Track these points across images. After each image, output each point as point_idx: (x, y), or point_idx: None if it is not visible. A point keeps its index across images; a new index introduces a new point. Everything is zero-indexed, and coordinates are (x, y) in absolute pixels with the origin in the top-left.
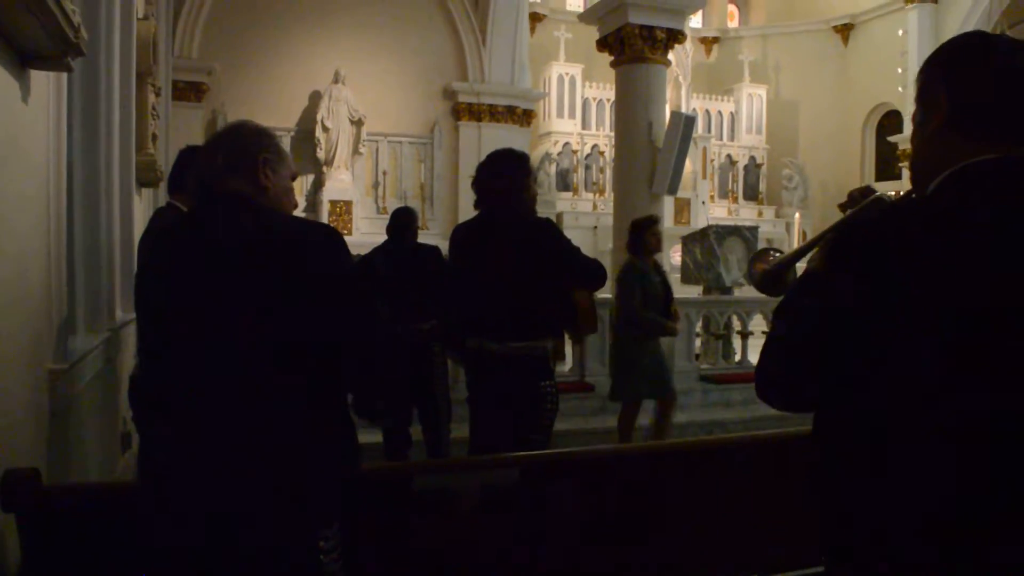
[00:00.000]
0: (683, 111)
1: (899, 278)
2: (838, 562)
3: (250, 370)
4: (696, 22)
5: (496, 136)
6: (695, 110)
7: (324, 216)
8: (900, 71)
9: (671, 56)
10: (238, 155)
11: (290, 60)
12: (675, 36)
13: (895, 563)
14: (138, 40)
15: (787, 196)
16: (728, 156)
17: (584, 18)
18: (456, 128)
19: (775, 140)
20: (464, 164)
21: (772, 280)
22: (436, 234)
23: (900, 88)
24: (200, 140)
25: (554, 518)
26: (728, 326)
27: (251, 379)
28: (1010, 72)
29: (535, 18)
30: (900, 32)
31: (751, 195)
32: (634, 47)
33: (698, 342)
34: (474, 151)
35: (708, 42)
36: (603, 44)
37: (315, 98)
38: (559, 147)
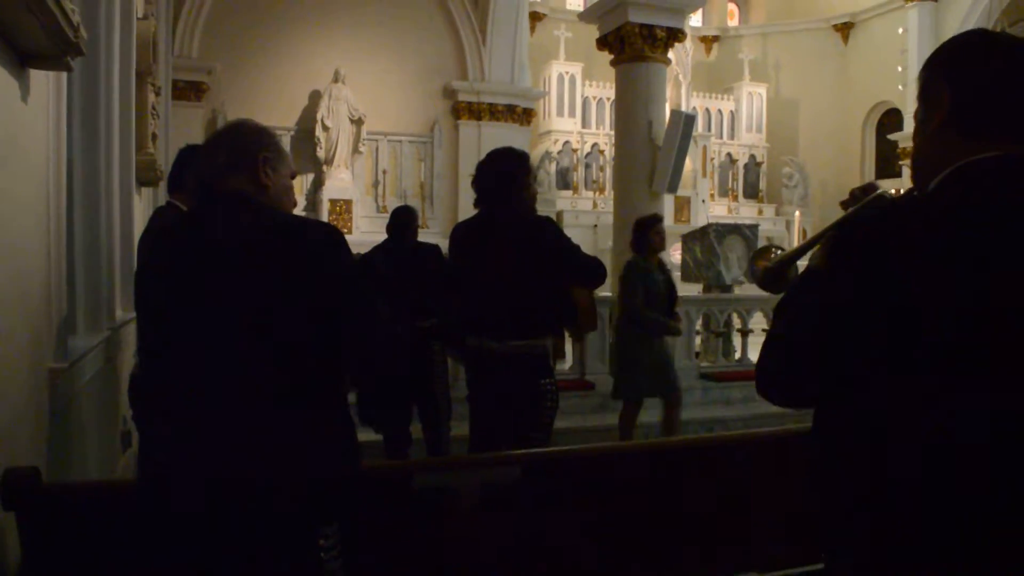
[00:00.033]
0: (683, 110)
1: (899, 277)
2: (838, 560)
3: (250, 369)
4: (696, 21)
5: (496, 135)
6: (695, 109)
7: (324, 215)
8: (900, 69)
9: (671, 55)
10: (239, 154)
11: (290, 59)
12: (675, 35)
13: (895, 562)
14: (138, 39)
15: (787, 194)
16: (728, 154)
17: (584, 17)
18: (456, 127)
19: (775, 138)
20: (464, 163)
21: (774, 277)
22: (436, 233)
23: (900, 86)
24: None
25: (554, 516)
26: (728, 324)
27: (251, 378)
28: (1012, 70)
29: (535, 17)
30: (900, 30)
31: (751, 193)
32: (634, 46)
33: (698, 340)
34: (474, 150)
35: (708, 41)
36: (603, 43)
37: (315, 97)
38: (559, 146)
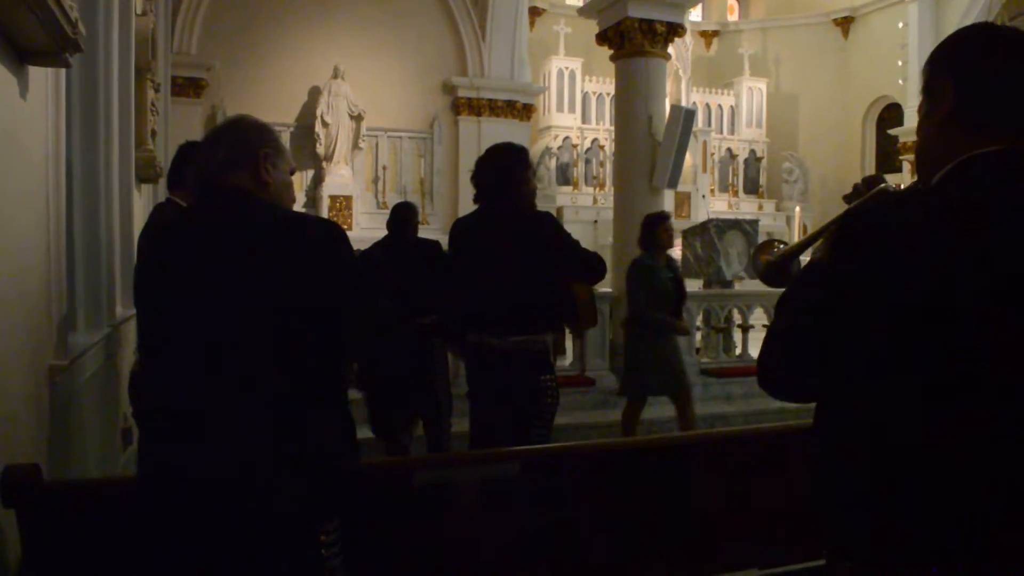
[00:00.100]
0: (683, 105)
1: (900, 274)
2: (839, 558)
3: (250, 366)
4: (696, 15)
5: (496, 131)
6: (695, 104)
7: (324, 211)
8: (900, 64)
9: (671, 50)
10: (239, 150)
11: (289, 56)
12: (675, 30)
13: (895, 561)
14: (137, 36)
15: (787, 189)
16: (728, 150)
17: (584, 12)
18: (456, 123)
19: (775, 134)
20: (464, 159)
21: (776, 271)
22: (436, 229)
23: (900, 81)
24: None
25: (554, 512)
26: (729, 320)
27: (251, 375)
28: (1016, 64)
29: (534, 12)
30: (900, 25)
31: (751, 189)
32: (634, 41)
33: (699, 336)
34: (474, 146)
35: (708, 35)
36: (603, 38)
37: (314, 93)
38: (559, 141)
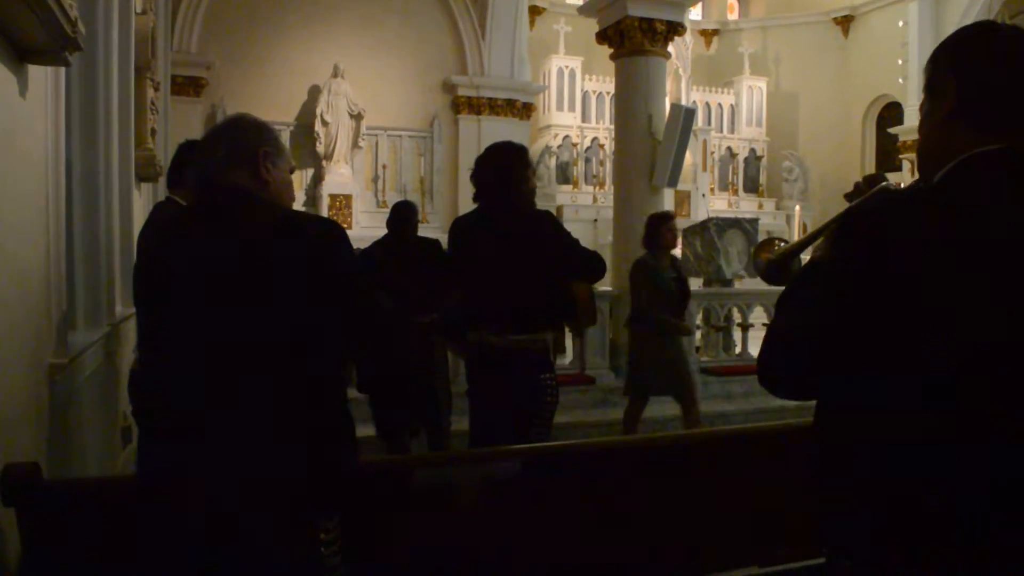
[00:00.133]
0: (683, 103)
1: (900, 274)
2: (839, 557)
3: (249, 364)
4: (696, 14)
5: (496, 129)
6: (695, 102)
7: (324, 210)
8: (901, 63)
9: (671, 48)
10: (239, 149)
11: (289, 54)
12: (675, 28)
13: (895, 561)
14: (136, 35)
15: (787, 188)
16: (728, 148)
17: (583, 11)
18: (456, 122)
19: (775, 132)
20: (464, 158)
21: (777, 269)
22: (436, 227)
23: (900, 80)
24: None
25: (554, 510)
26: (728, 318)
27: (250, 373)
28: (1018, 63)
29: (534, 11)
30: (900, 23)
31: (751, 187)
32: (634, 40)
33: (698, 335)
34: (474, 145)
35: (708, 34)
36: (603, 37)
37: (314, 92)
38: (559, 140)
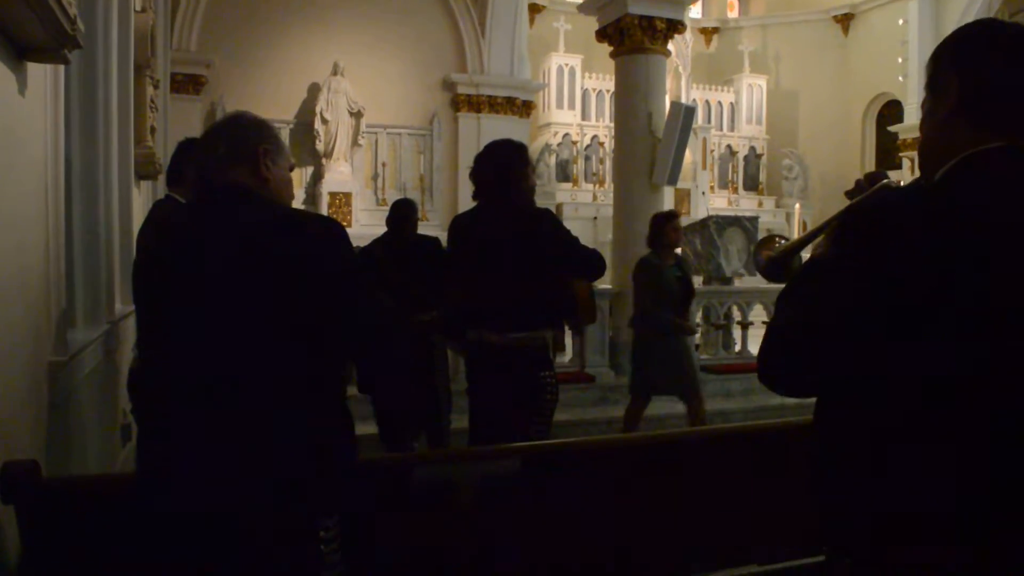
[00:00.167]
0: (683, 101)
1: (900, 274)
2: (838, 555)
3: (249, 362)
4: (696, 12)
5: (495, 127)
6: (695, 100)
7: (323, 208)
8: (901, 61)
9: (671, 46)
10: (239, 146)
11: (289, 52)
12: (675, 26)
13: (895, 561)
14: (136, 33)
15: (787, 186)
16: (728, 146)
17: (583, 9)
18: (455, 119)
19: (775, 130)
20: (464, 155)
21: (777, 267)
22: (436, 225)
23: (901, 78)
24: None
25: (554, 509)
26: (728, 316)
27: (250, 372)
28: (1020, 61)
29: (534, 9)
30: (901, 21)
31: (751, 185)
32: (633, 37)
33: (698, 333)
34: (473, 142)
35: (708, 32)
36: (602, 35)
37: (314, 90)
38: (559, 138)
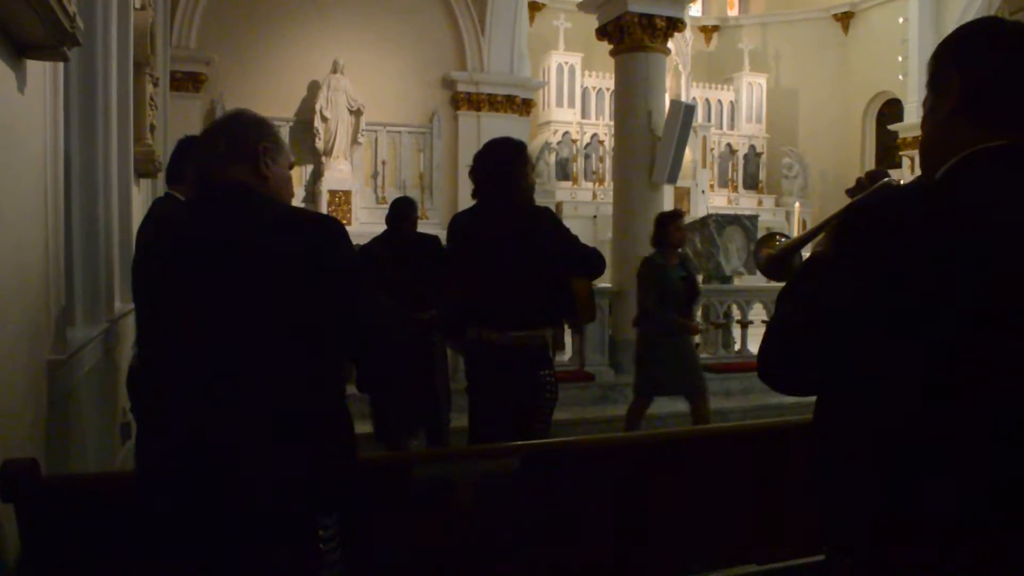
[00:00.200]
0: (683, 100)
1: (900, 274)
2: (838, 554)
3: (248, 361)
4: (696, 10)
5: (495, 125)
6: (695, 99)
7: (323, 206)
8: (901, 59)
9: (671, 45)
10: (238, 144)
11: (288, 50)
12: (675, 24)
13: (895, 560)
14: (135, 30)
15: (787, 185)
16: (728, 145)
17: (583, 7)
18: (455, 118)
19: (775, 129)
20: (463, 154)
21: (778, 264)
22: (435, 224)
23: (901, 76)
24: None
25: (554, 508)
26: (728, 315)
27: (249, 369)
28: (1022, 59)
29: (534, 7)
30: (901, 20)
31: (751, 184)
32: (633, 36)
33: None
34: (473, 141)
35: (708, 31)
36: (602, 33)
37: (313, 88)
38: (559, 136)
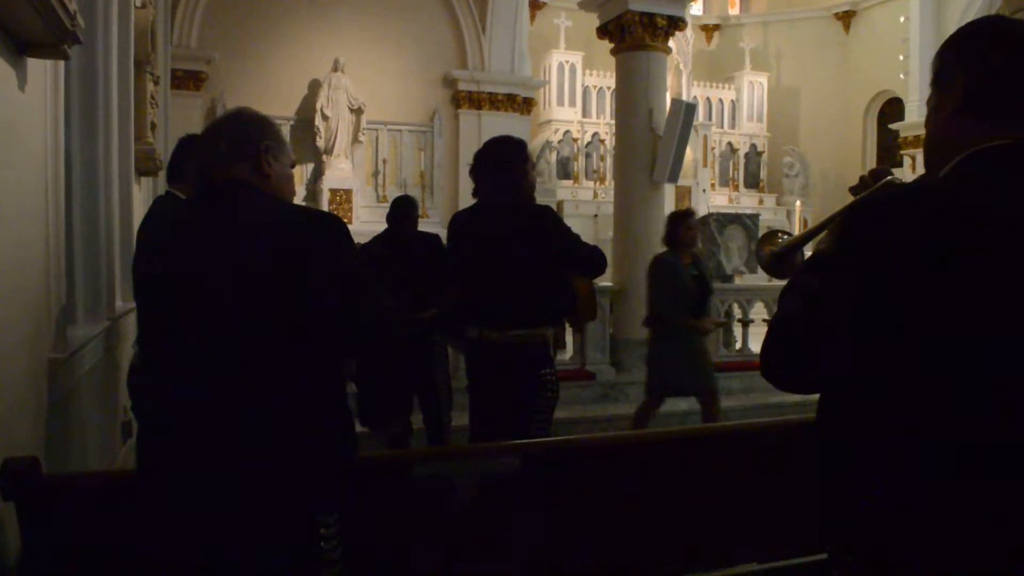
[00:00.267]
0: (684, 99)
1: (899, 274)
2: (840, 553)
3: (249, 359)
4: (697, 9)
5: (496, 124)
6: (696, 98)
7: (324, 205)
8: (902, 58)
9: (672, 43)
10: (240, 143)
11: (289, 49)
12: (676, 23)
13: (897, 559)
14: (136, 28)
15: (788, 184)
16: (729, 144)
17: (584, 5)
18: (456, 116)
19: (776, 128)
20: (464, 152)
21: (780, 262)
22: (436, 222)
23: (902, 75)
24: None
25: (554, 507)
26: (729, 314)
27: (250, 368)
28: None
29: (535, 6)
30: (902, 19)
31: (752, 183)
32: (634, 34)
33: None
34: (474, 139)
35: (709, 29)
36: (603, 31)
37: (314, 86)
38: (559, 135)
